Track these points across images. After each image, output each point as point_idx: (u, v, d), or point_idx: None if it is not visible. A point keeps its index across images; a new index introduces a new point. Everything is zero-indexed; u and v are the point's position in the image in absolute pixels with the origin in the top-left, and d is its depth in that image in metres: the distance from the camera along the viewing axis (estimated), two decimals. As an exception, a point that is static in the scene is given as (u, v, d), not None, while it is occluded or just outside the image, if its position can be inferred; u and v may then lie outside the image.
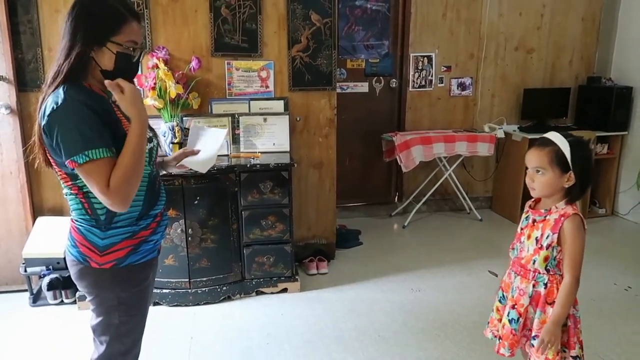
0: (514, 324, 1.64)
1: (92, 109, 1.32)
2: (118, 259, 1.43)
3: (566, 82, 4.56)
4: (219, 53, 3.08)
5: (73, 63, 1.34)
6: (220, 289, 2.94)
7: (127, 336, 1.53)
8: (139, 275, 1.50)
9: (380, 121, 4.41)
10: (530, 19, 4.39)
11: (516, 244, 1.70)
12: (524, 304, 1.62)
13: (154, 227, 1.52)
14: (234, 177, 2.86)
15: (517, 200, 4.28)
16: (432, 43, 4.28)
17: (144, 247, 1.49)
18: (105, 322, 1.49)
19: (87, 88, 1.39)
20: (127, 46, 1.39)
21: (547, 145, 1.56)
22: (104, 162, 1.31)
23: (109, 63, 1.38)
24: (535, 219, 1.63)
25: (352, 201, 4.48)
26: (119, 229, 1.43)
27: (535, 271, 1.61)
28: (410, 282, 3.20)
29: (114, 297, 1.46)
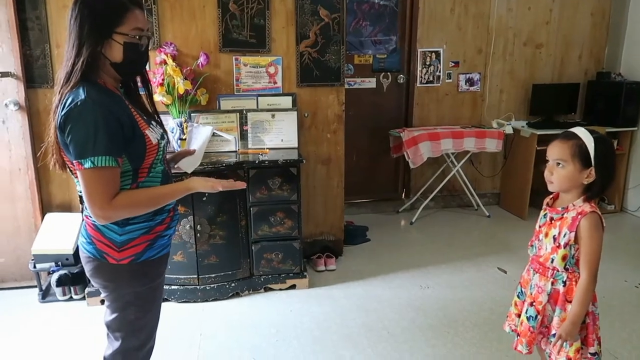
0: (531, 322, 1.63)
1: (111, 112, 1.31)
2: (136, 254, 1.44)
3: (575, 77, 4.52)
4: (227, 49, 3.07)
5: (87, 60, 1.33)
6: (228, 285, 2.94)
7: (142, 331, 1.54)
8: (155, 270, 1.52)
9: (388, 117, 4.39)
10: (539, 13, 4.35)
11: (535, 242, 1.68)
12: (542, 301, 1.61)
13: (169, 222, 1.53)
14: (243, 173, 2.85)
15: (525, 197, 4.25)
16: (440, 38, 4.25)
17: (160, 242, 1.50)
18: (121, 317, 1.49)
19: (104, 87, 1.39)
20: (133, 35, 1.38)
21: (571, 138, 1.54)
22: (109, 172, 1.31)
23: (117, 55, 1.38)
24: (553, 216, 1.61)
25: (359, 197, 4.47)
26: (137, 225, 1.44)
27: (554, 269, 1.59)
28: (419, 279, 3.19)
29: (131, 293, 1.47)
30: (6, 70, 2.77)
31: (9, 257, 2.99)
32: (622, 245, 3.73)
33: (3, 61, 2.77)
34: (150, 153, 1.41)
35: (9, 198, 2.92)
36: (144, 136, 1.39)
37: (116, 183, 1.34)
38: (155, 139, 1.44)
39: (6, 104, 2.80)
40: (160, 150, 1.47)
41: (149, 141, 1.40)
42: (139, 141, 1.37)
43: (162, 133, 1.53)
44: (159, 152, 1.45)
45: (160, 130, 1.53)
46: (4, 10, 2.71)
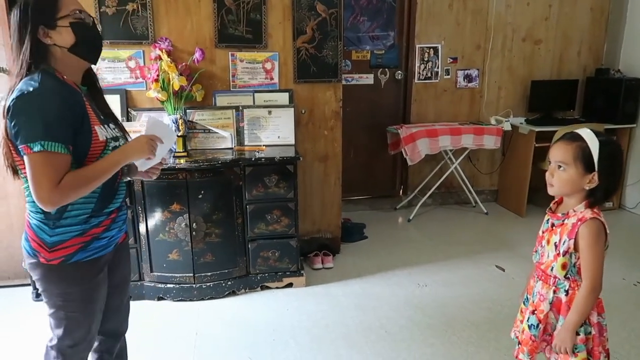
0: (533, 330, 1.57)
1: (65, 100, 1.34)
2: (66, 255, 1.43)
3: (574, 73, 4.50)
4: (223, 44, 3.03)
5: (30, 54, 1.37)
6: (225, 283, 2.91)
7: (76, 331, 1.52)
8: (88, 272, 1.48)
9: (386, 113, 4.36)
10: (538, 9, 4.32)
11: (538, 248, 1.62)
12: (544, 310, 1.55)
13: (108, 224, 1.51)
14: (239, 170, 2.82)
15: (523, 194, 4.24)
16: (438, 34, 4.22)
17: (95, 244, 1.48)
18: (55, 315, 1.50)
19: (61, 79, 1.40)
20: (74, 15, 1.42)
21: (575, 140, 1.46)
22: (58, 158, 1.31)
23: (69, 38, 1.41)
24: (554, 223, 1.55)
25: (357, 194, 4.44)
26: (68, 227, 1.43)
27: (555, 277, 1.53)
28: (416, 277, 3.17)
29: (62, 293, 1.46)
30: None
31: (1, 255, 2.96)
32: (620, 242, 3.71)
33: (-5, 56, 2.73)
34: (94, 148, 1.41)
35: (1, 195, 2.88)
36: (92, 131, 1.40)
37: (64, 169, 1.33)
38: (104, 136, 1.44)
39: (-2, 100, 2.76)
40: (108, 149, 1.45)
41: (96, 136, 1.41)
42: (85, 135, 1.38)
43: (117, 136, 1.53)
44: (105, 150, 1.44)
45: (116, 133, 1.54)
46: None
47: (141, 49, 2.95)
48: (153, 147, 1.50)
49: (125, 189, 1.63)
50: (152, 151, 1.50)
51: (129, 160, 1.47)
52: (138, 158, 1.50)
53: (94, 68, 1.59)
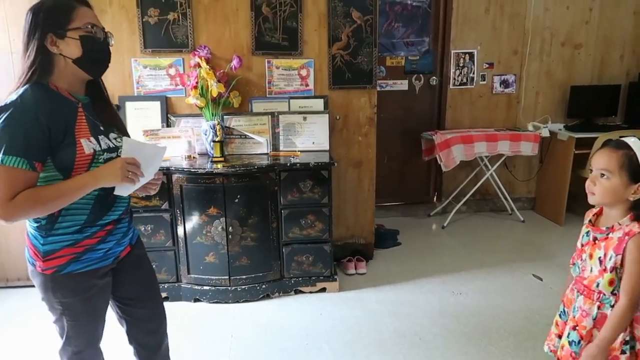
0: (574, 347, 1.51)
1: (37, 116, 1.31)
2: (58, 266, 1.42)
3: (616, 78, 4.37)
4: (260, 52, 3.08)
5: (34, 61, 1.37)
6: (259, 287, 2.95)
7: (78, 338, 1.53)
8: (83, 283, 1.46)
9: (420, 119, 4.34)
10: (578, 13, 4.22)
11: (577, 261, 1.56)
12: (587, 326, 1.49)
13: (102, 235, 1.48)
14: (274, 175, 2.86)
15: (562, 202, 4.13)
16: (474, 39, 4.17)
17: (90, 255, 1.46)
18: (57, 323, 1.52)
19: (52, 90, 1.40)
20: (85, 28, 1.41)
21: (621, 148, 1.41)
22: (17, 173, 1.29)
23: (76, 50, 1.40)
24: (597, 236, 1.48)
25: (390, 200, 4.43)
26: (59, 236, 1.42)
27: (600, 293, 1.47)
28: (451, 284, 3.13)
29: (58, 302, 1.46)
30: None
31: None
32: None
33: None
34: (80, 162, 1.38)
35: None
36: (76, 144, 1.38)
37: (23, 186, 1.31)
38: (91, 148, 1.41)
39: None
40: (99, 161, 1.43)
41: (80, 149, 1.38)
42: (68, 148, 1.36)
43: (117, 146, 1.50)
44: (94, 162, 1.41)
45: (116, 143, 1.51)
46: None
47: (181, 57, 3.04)
48: (128, 172, 1.40)
49: (127, 202, 1.58)
50: (126, 176, 1.39)
51: (99, 184, 1.39)
52: (110, 183, 1.41)
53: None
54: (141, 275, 1.69)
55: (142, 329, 1.72)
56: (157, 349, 1.77)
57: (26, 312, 2.84)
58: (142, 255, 1.71)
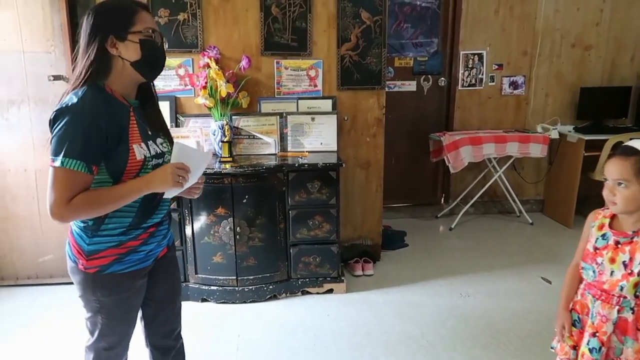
0: (595, 354, 1.49)
1: (96, 120, 1.33)
2: (102, 265, 1.44)
3: (627, 80, 4.33)
4: (269, 52, 3.09)
5: (92, 62, 1.38)
6: (266, 287, 2.95)
7: (110, 336, 1.55)
8: (123, 283, 1.50)
9: (428, 120, 4.33)
10: (589, 14, 4.19)
11: (590, 265, 1.53)
12: (607, 331, 1.47)
13: (145, 238, 1.51)
14: (282, 176, 2.86)
15: (571, 204, 4.10)
16: (483, 40, 4.16)
17: (133, 257, 1.49)
18: (91, 319, 1.53)
19: (108, 93, 1.41)
20: (147, 32, 1.43)
21: (631, 154, 1.40)
22: (76, 176, 1.32)
23: (135, 54, 1.42)
24: (619, 240, 1.47)
25: (397, 202, 4.41)
26: (105, 237, 1.44)
27: (620, 296, 1.45)
28: (459, 287, 3.12)
29: (96, 300, 1.48)
30: (58, 73, 2.87)
31: (57, 253, 3.10)
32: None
33: (55, 65, 2.87)
34: (131, 167, 1.41)
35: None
36: (129, 150, 1.40)
37: (81, 188, 1.34)
38: (142, 155, 1.43)
39: (57, 106, 2.90)
40: (148, 167, 1.45)
41: (133, 155, 1.40)
42: (122, 153, 1.38)
43: (163, 152, 1.52)
44: (144, 168, 1.43)
45: (163, 148, 1.53)
46: (57, 15, 2.82)
47: (190, 57, 3.05)
48: (178, 177, 1.42)
49: (168, 205, 1.61)
50: (176, 181, 1.42)
51: (151, 190, 1.42)
52: (161, 189, 1.43)
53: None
54: (170, 277, 1.71)
55: (159, 331, 1.73)
56: (171, 350, 1.77)
57: (36, 310, 2.86)
58: (174, 258, 1.74)
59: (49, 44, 2.85)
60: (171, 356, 1.77)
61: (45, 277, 3.14)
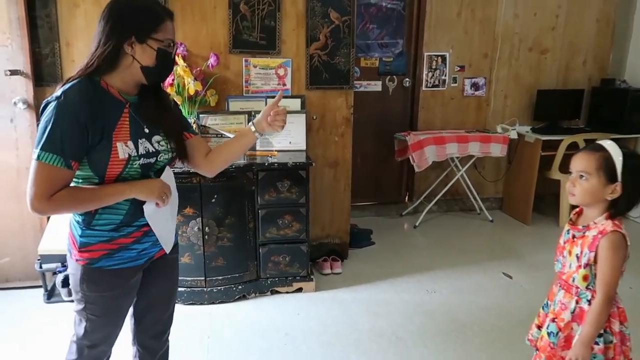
0: (552, 337, 1.59)
1: (77, 116, 1.31)
2: (91, 259, 1.44)
3: (580, 83, 4.54)
4: (237, 50, 3.06)
5: (106, 56, 1.37)
6: (235, 287, 2.92)
7: (95, 333, 1.54)
8: (112, 280, 1.48)
9: (393, 120, 4.39)
10: (546, 19, 4.36)
11: (559, 258, 1.64)
12: (565, 318, 1.57)
13: (138, 236, 1.49)
14: (252, 175, 2.84)
15: (529, 202, 4.27)
16: (446, 42, 4.26)
17: (124, 254, 1.47)
18: (79, 313, 1.53)
19: (102, 87, 1.40)
20: (167, 43, 1.43)
21: (598, 150, 1.50)
22: (53, 171, 1.31)
23: (149, 60, 1.41)
24: (575, 234, 1.58)
25: (363, 200, 4.46)
26: (96, 231, 1.44)
27: (577, 287, 1.56)
28: (425, 283, 3.19)
29: (83, 294, 1.48)
30: (15, 68, 2.74)
31: (14, 256, 2.97)
32: (626, 251, 3.74)
33: (12, 59, 2.74)
34: (114, 165, 1.38)
35: (15, 197, 2.89)
36: (112, 147, 1.37)
37: (61, 183, 1.33)
38: (126, 153, 1.39)
39: (15, 102, 2.77)
40: (133, 166, 1.42)
41: (115, 153, 1.38)
42: (103, 150, 1.36)
43: (157, 150, 1.48)
44: (128, 166, 1.41)
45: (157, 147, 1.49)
46: (15, 8, 2.69)
47: (156, 54, 2.97)
48: (164, 195, 1.47)
49: None
50: (160, 198, 1.46)
51: (134, 195, 1.43)
52: (145, 197, 1.45)
53: None
54: (166, 279, 1.69)
55: (149, 332, 1.71)
56: (157, 352, 1.76)
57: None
58: (175, 260, 1.72)
59: (5, 37, 2.72)
60: (157, 357, 1.75)
61: (1, 281, 3.00)
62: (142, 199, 1.45)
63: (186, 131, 1.62)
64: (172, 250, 1.65)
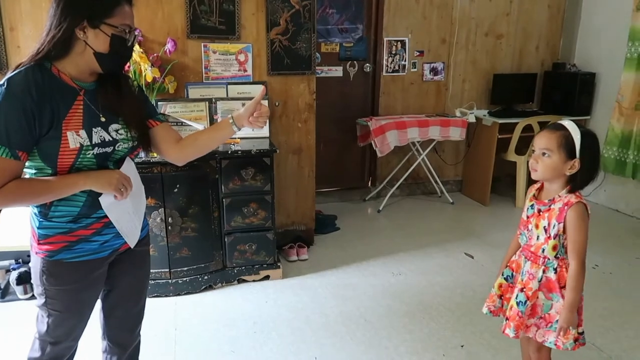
0: (521, 307, 1.68)
1: (24, 104, 1.25)
2: (50, 251, 1.40)
3: (533, 67, 4.69)
4: (195, 35, 2.97)
5: (57, 41, 1.31)
6: (201, 278, 2.88)
7: (56, 329, 1.49)
8: (72, 273, 1.43)
9: (355, 106, 4.41)
10: (500, 5, 4.46)
11: (524, 231, 1.73)
12: (533, 288, 1.67)
13: (98, 227, 1.44)
14: (215, 164, 2.79)
15: (487, 184, 4.39)
16: (405, 27, 4.29)
17: (84, 246, 1.42)
18: (41, 309, 1.48)
19: (53, 75, 1.33)
20: (122, 29, 1.36)
21: (558, 129, 1.59)
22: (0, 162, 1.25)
23: (103, 46, 1.34)
24: (541, 208, 1.66)
25: (327, 186, 4.47)
26: (54, 223, 1.40)
27: (544, 258, 1.65)
28: (390, 266, 3.24)
29: (43, 288, 1.44)
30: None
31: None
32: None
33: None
34: (64, 155, 1.32)
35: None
36: (61, 137, 1.31)
37: (9, 175, 1.27)
38: (77, 142, 1.33)
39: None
40: (86, 155, 1.36)
41: (65, 143, 1.31)
42: (52, 140, 1.30)
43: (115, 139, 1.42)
44: (79, 158, 1.35)
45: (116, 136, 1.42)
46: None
47: (110, 39, 2.85)
48: (122, 186, 1.40)
49: None
50: (118, 190, 1.39)
51: (89, 187, 1.36)
52: (100, 189, 1.38)
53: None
54: (138, 273, 1.63)
55: (119, 326, 1.65)
56: (129, 347, 1.71)
57: None
58: (145, 253, 1.65)
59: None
60: (128, 352, 1.69)
61: None
62: (98, 190, 1.38)
63: (151, 118, 1.55)
64: (141, 243, 1.59)
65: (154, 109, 1.61)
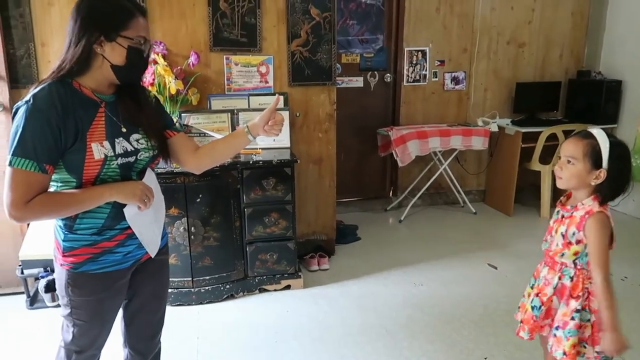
0: (535, 311, 1.68)
1: (50, 118, 1.28)
2: (75, 263, 1.42)
3: (556, 76, 4.62)
4: (218, 48, 3.03)
5: (77, 58, 1.34)
6: (223, 287, 2.90)
7: (81, 338, 1.52)
8: (96, 285, 1.46)
9: (375, 116, 4.41)
10: (522, 13, 4.43)
11: (547, 237, 1.72)
12: (547, 293, 1.66)
13: (122, 239, 1.47)
14: (237, 174, 2.82)
15: (510, 194, 4.33)
16: (425, 37, 4.29)
17: (108, 257, 1.45)
18: (66, 318, 1.51)
19: (74, 88, 1.36)
20: (137, 40, 1.39)
21: (586, 137, 1.55)
22: (28, 176, 1.28)
23: (119, 58, 1.38)
24: (564, 214, 1.65)
25: (347, 196, 4.47)
26: (79, 235, 1.42)
27: (562, 264, 1.63)
28: (412, 276, 3.22)
29: (68, 298, 1.46)
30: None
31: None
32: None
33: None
34: (90, 166, 1.36)
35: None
36: (86, 148, 1.34)
37: (37, 188, 1.30)
38: (102, 154, 1.36)
39: (-10, 105, 2.71)
40: (111, 166, 1.39)
41: (90, 154, 1.35)
42: (78, 152, 1.34)
43: (137, 149, 1.45)
44: (105, 167, 1.38)
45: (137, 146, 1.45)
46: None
47: (135, 53, 2.93)
48: (146, 197, 1.44)
49: None
50: (142, 200, 1.42)
51: (114, 198, 1.39)
52: (125, 200, 1.41)
53: None
54: (158, 282, 1.66)
55: (140, 335, 1.68)
56: (149, 354, 1.73)
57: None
58: (164, 261, 1.69)
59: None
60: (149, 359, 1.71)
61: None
62: (123, 201, 1.41)
63: (168, 129, 1.60)
64: (161, 252, 1.62)
65: (170, 120, 1.65)
